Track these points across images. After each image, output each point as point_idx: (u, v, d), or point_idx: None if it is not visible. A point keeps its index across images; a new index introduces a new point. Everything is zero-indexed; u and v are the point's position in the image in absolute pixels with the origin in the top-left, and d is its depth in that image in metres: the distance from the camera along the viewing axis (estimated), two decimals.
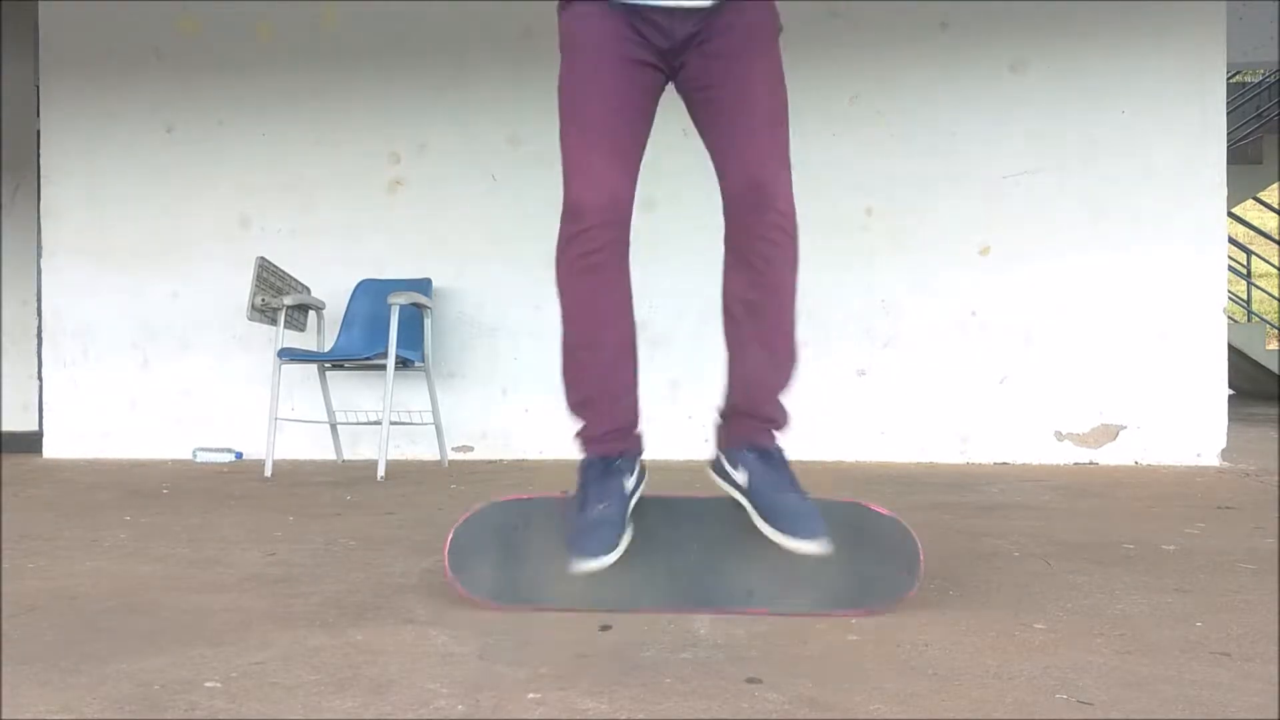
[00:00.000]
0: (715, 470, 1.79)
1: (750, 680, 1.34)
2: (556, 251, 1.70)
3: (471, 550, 1.76)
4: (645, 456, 1.83)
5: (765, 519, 1.64)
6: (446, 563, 1.76)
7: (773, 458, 1.71)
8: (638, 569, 1.72)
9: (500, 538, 1.76)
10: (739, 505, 1.71)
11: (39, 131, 4.77)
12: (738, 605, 1.69)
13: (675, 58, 1.75)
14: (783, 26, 1.79)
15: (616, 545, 1.62)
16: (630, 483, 1.72)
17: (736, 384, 1.75)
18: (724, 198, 1.72)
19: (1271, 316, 11.13)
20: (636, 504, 1.74)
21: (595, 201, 1.66)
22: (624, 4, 1.70)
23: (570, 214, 1.68)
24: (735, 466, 1.72)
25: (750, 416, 1.74)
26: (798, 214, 1.70)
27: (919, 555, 1.70)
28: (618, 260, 1.70)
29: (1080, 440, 4.04)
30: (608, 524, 1.63)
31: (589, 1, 1.72)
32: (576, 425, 1.77)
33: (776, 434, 1.75)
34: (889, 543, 1.71)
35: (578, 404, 1.76)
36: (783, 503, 1.64)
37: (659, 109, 1.82)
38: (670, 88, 1.82)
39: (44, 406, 4.69)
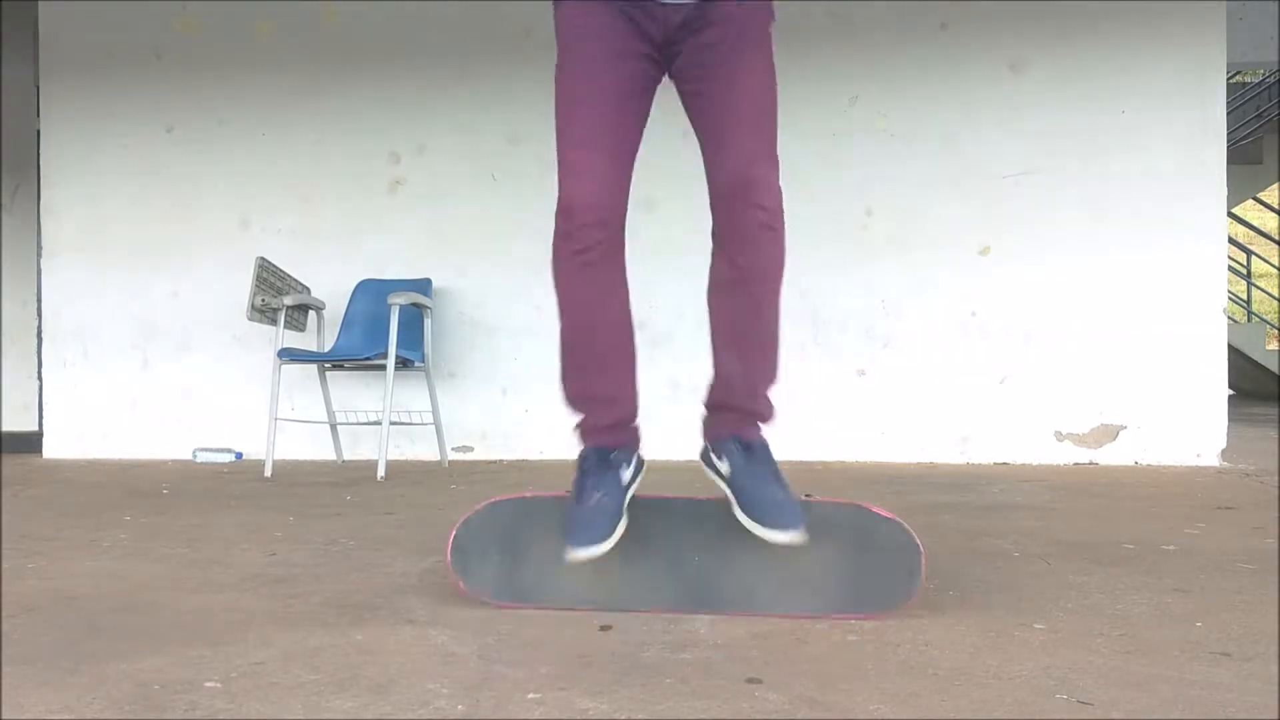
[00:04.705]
0: (703, 459, 1.81)
1: (750, 680, 1.34)
2: (552, 248, 1.72)
3: (473, 549, 1.77)
4: (647, 457, 1.84)
5: (744, 509, 1.66)
6: (449, 559, 1.77)
7: (755, 450, 1.73)
8: (637, 569, 1.73)
9: (501, 537, 1.77)
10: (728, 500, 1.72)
11: (39, 131, 4.77)
12: (738, 608, 1.69)
13: (670, 46, 1.76)
14: (775, 18, 1.79)
15: (611, 535, 1.65)
16: (627, 474, 1.74)
17: (721, 378, 1.78)
18: (711, 194, 1.74)
19: (1271, 316, 11.13)
20: (635, 501, 1.75)
21: (586, 201, 1.67)
22: None
23: (563, 212, 1.69)
24: (720, 457, 1.74)
25: (734, 410, 1.77)
26: (786, 212, 1.71)
27: (920, 559, 1.68)
28: (611, 257, 1.72)
29: (1080, 440, 4.04)
30: (603, 514, 1.66)
31: None
32: (574, 418, 1.79)
33: (761, 425, 1.77)
34: (891, 545, 1.69)
35: (574, 398, 1.79)
36: (762, 494, 1.66)
37: (661, 110, 1.84)
38: (667, 79, 1.83)
39: (44, 406, 4.69)
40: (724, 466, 1.74)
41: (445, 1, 4.43)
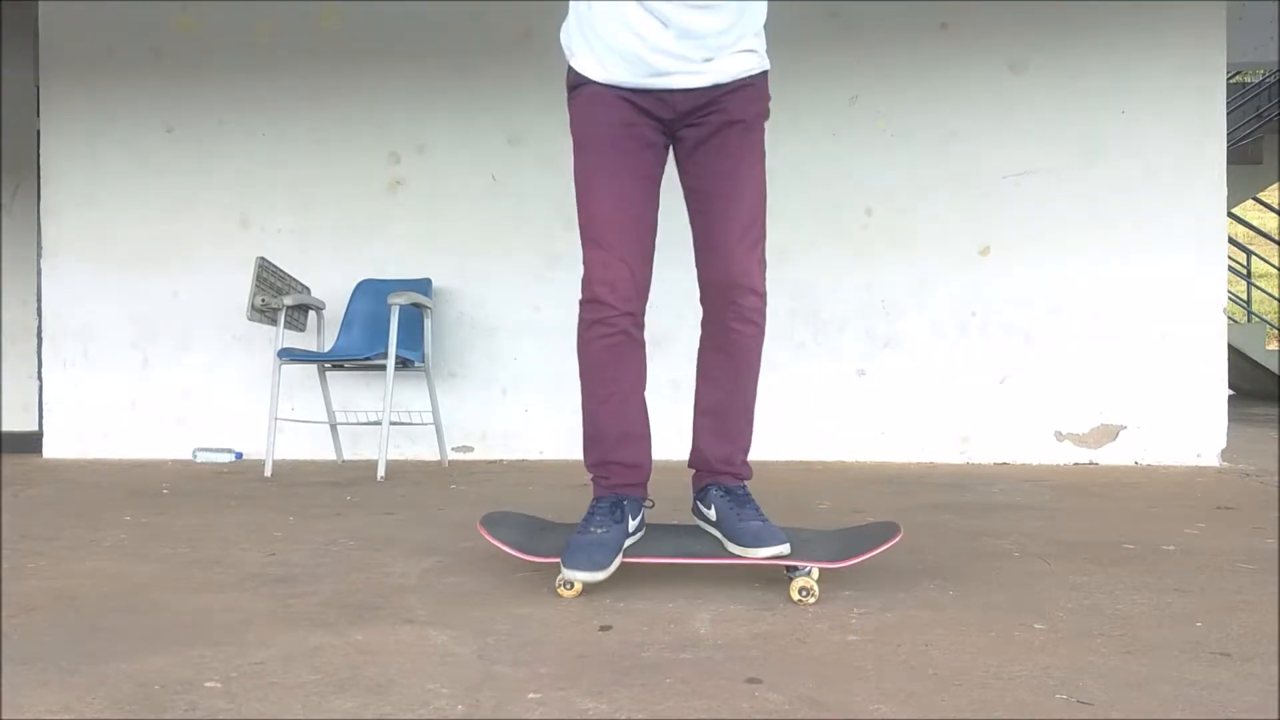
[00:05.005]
0: (694, 512, 2.01)
1: (750, 680, 1.34)
2: (578, 330, 1.90)
3: (499, 520, 2.04)
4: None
5: (730, 541, 1.86)
6: (480, 523, 1.97)
7: (735, 494, 1.93)
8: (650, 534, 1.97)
9: (520, 520, 2.09)
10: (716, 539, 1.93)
11: (39, 131, 4.78)
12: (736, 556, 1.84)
13: (676, 127, 1.92)
14: (769, 115, 1.94)
15: (608, 565, 1.80)
16: (632, 524, 1.90)
17: (707, 447, 1.97)
18: (700, 286, 1.92)
19: (1271, 316, 11.13)
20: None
21: (614, 298, 1.85)
22: (626, 90, 1.86)
23: (589, 304, 1.87)
24: (708, 506, 1.94)
25: (718, 472, 1.97)
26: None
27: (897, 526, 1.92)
28: (634, 339, 1.90)
29: (1080, 440, 4.04)
30: (604, 546, 1.82)
31: (593, 87, 1.87)
32: (592, 473, 1.96)
33: (741, 478, 1.98)
34: (873, 525, 2.03)
35: (597, 463, 1.94)
36: (743, 527, 1.85)
37: None
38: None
39: (44, 406, 4.69)
40: (711, 513, 1.93)
41: (445, 1, 4.43)
